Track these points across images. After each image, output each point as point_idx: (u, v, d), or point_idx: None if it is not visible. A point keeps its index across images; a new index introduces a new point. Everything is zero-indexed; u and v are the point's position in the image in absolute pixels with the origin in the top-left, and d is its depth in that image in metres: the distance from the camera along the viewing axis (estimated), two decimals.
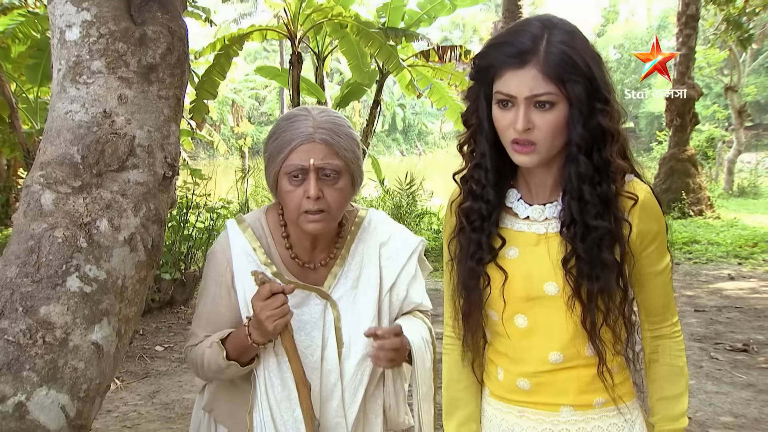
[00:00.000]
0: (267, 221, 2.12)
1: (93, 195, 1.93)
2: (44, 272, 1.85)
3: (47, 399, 1.77)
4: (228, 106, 35.57)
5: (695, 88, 15.83)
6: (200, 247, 7.84)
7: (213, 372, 2.05)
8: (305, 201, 1.93)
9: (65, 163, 1.93)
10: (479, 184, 1.75)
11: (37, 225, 1.89)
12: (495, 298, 1.76)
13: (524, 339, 1.76)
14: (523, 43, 1.58)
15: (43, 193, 1.91)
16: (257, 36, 11.27)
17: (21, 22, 9.95)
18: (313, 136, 1.93)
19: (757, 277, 10.00)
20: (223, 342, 2.01)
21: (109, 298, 1.91)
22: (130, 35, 2.00)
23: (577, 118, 1.60)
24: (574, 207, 1.65)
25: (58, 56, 2.02)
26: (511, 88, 1.59)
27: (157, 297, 7.15)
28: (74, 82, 1.98)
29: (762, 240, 12.68)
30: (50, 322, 1.81)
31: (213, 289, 2.09)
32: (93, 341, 1.87)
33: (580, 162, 1.63)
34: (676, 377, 1.79)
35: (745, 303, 8.39)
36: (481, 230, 1.75)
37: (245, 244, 2.07)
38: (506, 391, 1.82)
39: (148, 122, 2.01)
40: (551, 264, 1.70)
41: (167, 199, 2.08)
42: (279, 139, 1.97)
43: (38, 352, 1.78)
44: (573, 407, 1.75)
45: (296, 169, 1.93)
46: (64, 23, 2.00)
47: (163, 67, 2.05)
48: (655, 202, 1.71)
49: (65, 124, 1.96)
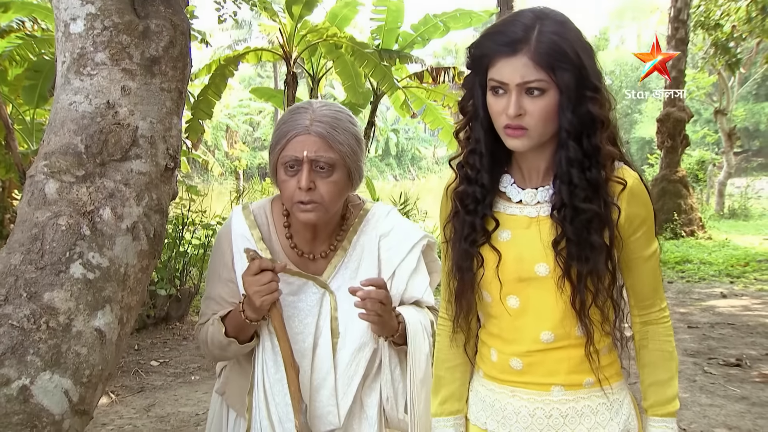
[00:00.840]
0: (272, 210, 2.19)
1: (96, 184, 1.96)
2: (48, 259, 1.87)
3: (51, 383, 1.78)
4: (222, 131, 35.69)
5: (686, 110, 15.97)
6: (195, 263, 7.84)
7: (217, 349, 2.11)
8: (297, 192, 1.99)
9: (69, 152, 1.95)
10: (474, 169, 1.80)
11: (41, 213, 1.91)
12: (490, 279, 1.80)
13: (517, 319, 1.81)
14: (514, 32, 1.65)
15: (47, 182, 1.94)
16: (252, 57, 11.35)
17: (18, 44, 10.00)
18: (309, 128, 1.99)
19: (749, 295, 10.03)
20: (223, 319, 2.08)
21: (112, 286, 1.93)
22: (133, 28, 2.03)
23: (567, 104, 1.66)
24: (563, 191, 1.71)
25: (62, 49, 2.05)
26: (503, 75, 1.66)
27: (153, 313, 7.14)
28: (78, 73, 2.01)
29: (753, 260, 12.73)
30: (54, 307, 1.83)
31: (218, 270, 2.18)
32: (96, 327, 1.88)
33: (570, 147, 1.69)
34: (666, 362, 1.83)
35: (738, 320, 8.41)
36: (475, 213, 1.81)
37: (245, 230, 2.15)
38: (499, 372, 1.86)
39: (150, 114, 2.04)
40: (542, 246, 1.75)
41: (169, 191, 2.11)
42: (279, 130, 2.03)
43: (42, 337, 1.79)
44: (564, 387, 1.79)
45: (291, 160, 1.99)
46: (69, 16, 2.03)
47: (165, 60, 2.08)
48: (644, 188, 1.76)
49: (69, 114, 1.99)
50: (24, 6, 10.09)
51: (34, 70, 9.74)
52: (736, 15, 15.88)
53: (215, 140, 33.77)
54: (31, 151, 10.26)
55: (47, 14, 9.98)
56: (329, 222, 2.13)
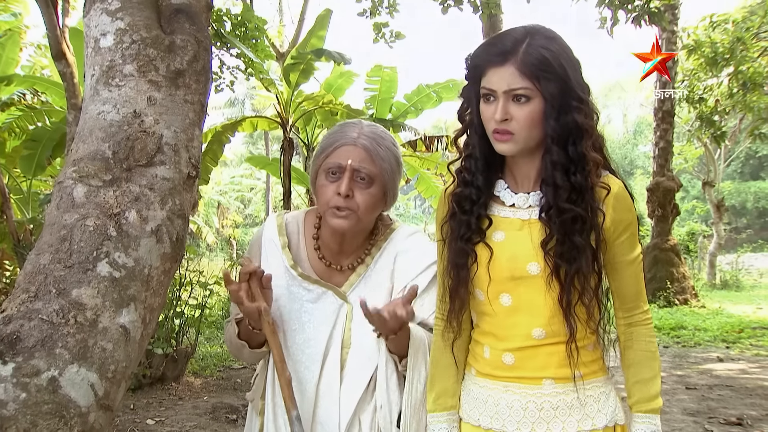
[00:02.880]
0: (304, 220, 2.30)
1: (122, 188, 2.04)
2: (76, 258, 1.93)
3: (78, 376, 1.82)
4: (214, 208, 35.88)
5: (675, 180, 16.23)
6: (193, 324, 7.83)
7: (235, 349, 2.23)
8: (335, 197, 2.09)
9: (97, 158, 2.04)
10: (470, 172, 1.95)
11: (69, 216, 1.98)
12: (481, 275, 1.91)
13: (509, 317, 1.91)
14: (505, 44, 1.82)
15: (75, 186, 2.01)
16: (248, 125, 11.58)
17: (18, 116, 10.18)
18: (356, 140, 2.11)
19: (746, 359, 10.03)
20: (238, 322, 2.20)
21: (136, 285, 1.98)
22: (160, 42, 2.15)
23: (550, 112, 1.81)
24: (548, 193, 1.85)
25: (91, 63, 2.15)
26: (492, 83, 1.82)
27: (148, 372, 7.08)
28: (107, 85, 2.11)
29: (748, 327, 12.77)
30: (81, 303, 1.88)
31: None
32: (121, 324, 1.93)
33: (553, 151, 1.83)
34: (649, 361, 1.95)
35: (736, 382, 8.40)
36: (470, 213, 1.93)
37: (274, 235, 2.26)
38: (492, 368, 1.95)
39: (174, 123, 2.14)
40: (533, 246, 1.87)
41: (190, 199, 2.18)
42: (327, 139, 2.17)
43: (70, 331, 1.84)
44: (554, 380, 1.89)
45: (334, 166, 2.10)
46: (99, 32, 2.15)
47: (189, 73, 2.19)
48: (628, 195, 1.90)
49: (97, 123, 2.08)
50: (26, 79, 10.32)
51: (33, 140, 9.88)
52: (719, 90, 16.27)
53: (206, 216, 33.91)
54: (27, 219, 10.31)
55: (48, 86, 10.20)
56: (357, 235, 2.21)
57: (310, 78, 11.09)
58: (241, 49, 8.69)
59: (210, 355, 9.01)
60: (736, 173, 46.47)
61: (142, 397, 7.00)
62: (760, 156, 46.29)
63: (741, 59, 14.27)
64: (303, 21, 18.24)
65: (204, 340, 9.81)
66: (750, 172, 48.61)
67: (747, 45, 14.29)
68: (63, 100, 8.73)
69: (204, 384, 7.62)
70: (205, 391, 7.40)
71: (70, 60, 7.05)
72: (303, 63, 10.78)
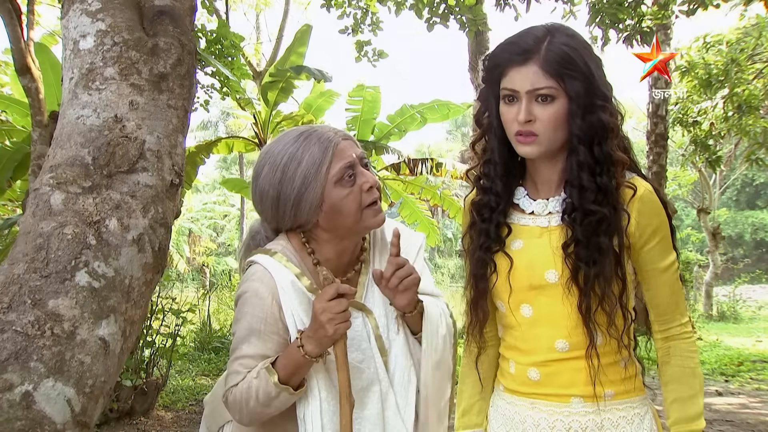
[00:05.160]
0: (292, 246, 2.14)
1: (103, 195, 2.05)
2: (53, 267, 1.93)
3: (54, 391, 1.82)
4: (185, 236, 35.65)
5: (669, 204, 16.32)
6: (163, 354, 7.77)
7: (261, 405, 2.00)
8: (365, 194, 2.01)
9: (76, 164, 2.05)
10: (488, 178, 1.95)
11: (46, 224, 1.99)
12: (502, 285, 1.91)
13: (531, 329, 1.90)
14: (526, 43, 1.81)
15: (52, 193, 2.02)
16: (223, 147, 11.56)
17: None
18: (338, 136, 2.03)
19: (746, 393, 10.06)
20: (273, 366, 2.00)
21: (116, 296, 1.99)
22: (142, 44, 2.18)
23: (576, 111, 1.80)
24: (574, 194, 1.83)
25: (70, 66, 2.17)
26: (514, 84, 1.81)
27: (116, 406, 6.99)
28: (86, 88, 2.13)
29: (747, 359, 12.81)
30: (58, 314, 1.88)
31: (258, 326, 2.04)
32: (100, 336, 1.93)
33: (580, 152, 1.82)
34: (689, 378, 1.88)
35: (736, 417, 8.41)
36: (489, 221, 1.93)
37: (288, 273, 2.07)
38: (518, 384, 1.93)
39: (157, 129, 2.16)
40: (551, 253, 1.86)
41: (173, 208, 2.19)
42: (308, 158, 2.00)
43: (46, 344, 1.84)
44: (583, 398, 1.86)
45: (347, 167, 1.99)
46: (79, 34, 2.17)
47: (173, 77, 2.21)
48: (656, 198, 1.86)
49: (76, 128, 2.09)
50: None
51: None
52: (714, 113, 16.44)
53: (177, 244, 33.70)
54: None
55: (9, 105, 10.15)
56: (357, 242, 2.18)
57: (289, 97, 11.12)
58: (216, 67, 8.68)
59: (182, 388, 8.90)
60: (731, 201, 46.84)
61: None
62: (756, 184, 46.74)
63: (736, 81, 14.40)
64: (281, 38, 18.31)
65: (175, 373, 9.73)
66: (746, 200, 49.02)
67: (742, 67, 14.45)
68: (25, 119, 8.68)
69: (175, 418, 7.54)
70: (176, 425, 7.32)
71: (35, 75, 7.02)
72: (282, 81, 10.79)
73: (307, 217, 2.02)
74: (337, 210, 2.01)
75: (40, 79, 7.10)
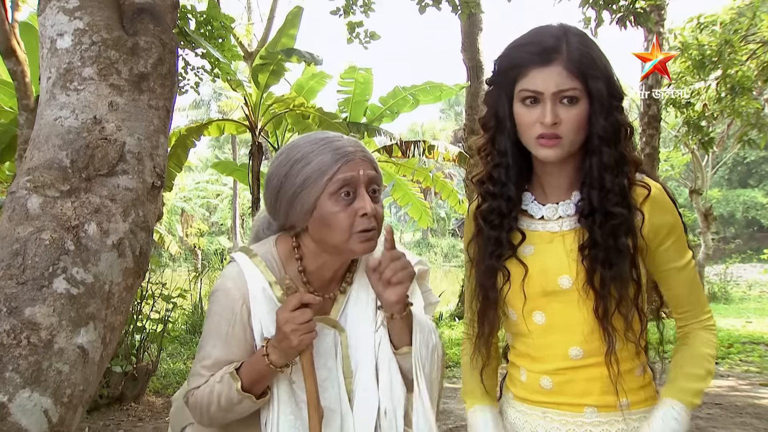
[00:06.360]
0: (278, 252, 2.09)
1: (81, 199, 2.00)
2: (30, 274, 1.89)
3: (30, 401, 1.78)
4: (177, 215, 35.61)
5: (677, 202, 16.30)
6: (154, 339, 7.74)
7: (222, 410, 1.98)
8: (359, 220, 1.94)
9: (54, 167, 2.00)
10: (499, 183, 1.88)
11: (23, 229, 1.94)
12: (515, 293, 1.86)
13: (543, 336, 1.85)
14: (546, 42, 1.75)
15: (29, 197, 1.97)
16: (214, 129, 11.49)
17: None
18: (357, 153, 1.97)
19: (735, 376, 10.10)
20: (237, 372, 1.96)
21: (96, 303, 1.95)
22: (122, 44, 2.12)
23: (600, 111, 1.76)
24: (594, 196, 1.78)
25: (47, 65, 2.12)
26: (537, 85, 1.74)
27: (106, 392, 6.97)
28: (64, 88, 2.08)
29: (737, 341, 12.86)
30: (35, 322, 1.84)
31: (225, 329, 2.01)
32: (78, 345, 1.89)
33: (604, 153, 1.78)
34: (703, 361, 1.85)
35: (725, 400, 8.44)
36: (500, 227, 1.87)
37: (261, 280, 2.03)
38: (530, 392, 1.89)
39: (138, 130, 2.11)
40: (565, 258, 1.81)
41: (155, 210, 2.15)
42: (317, 162, 1.95)
43: (22, 353, 1.80)
44: (597, 408, 1.82)
45: (346, 184, 1.93)
46: (56, 32, 2.11)
47: (154, 77, 2.16)
48: (668, 198, 1.84)
49: (54, 130, 2.04)
50: None
51: None
52: (707, 94, 16.41)
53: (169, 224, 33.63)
54: None
55: None
56: (342, 262, 2.11)
57: (281, 79, 11.06)
58: (206, 48, 8.61)
59: (173, 372, 8.88)
60: (723, 180, 46.96)
61: (99, 418, 6.89)
62: (748, 162, 46.86)
63: (729, 62, 14.37)
64: (273, 19, 18.17)
65: (167, 356, 9.71)
66: (738, 179, 49.17)
67: (735, 48, 14.40)
68: (12, 100, 8.58)
69: (166, 403, 7.51)
70: (167, 411, 7.28)
71: (20, 57, 6.90)
72: (273, 63, 10.71)
73: (297, 219, 1.98)
74: (325, 223, 1.95)
75: (26, 62, 6.98)
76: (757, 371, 10.42)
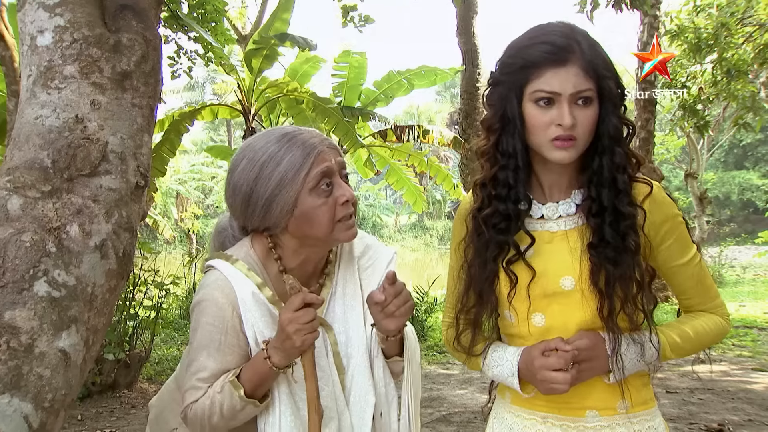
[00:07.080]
0: (255, 252, 2.06)
1: (63, 200, 1.97)
2: (9, 277, 1.85)
3: (9, 407, 1.75)
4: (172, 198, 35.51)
5: (656, 172, 16.33)
6: (147, 326, 7.73)
7: (225, 420, 1.94)
8: (340, 208, 1.94)
9: (34, 167, 1.96)
10: (506, 186, 1.84)
11: (3, 230, 1.91)
12: (520, 297, 1.83)
13: (542, 338, 1.82)
14: (557, 40, 1.72)
15: (9, 198, 1.94)
16: (208, 113, 11.43)
17: None
18: (323, 143, 1.95)
19: (728, 360, 10.14)
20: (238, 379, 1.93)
21: (78, 305, 1.92)
22: (104, 41, 2.08)
23: (611, 111, 1.76)
24: (605, 195, 1.77)
25: (28, 63, 2.08)
26: (554, 86, 1.71)
27: (98, 380, 6.98)
28: (45, 87, 2.04)
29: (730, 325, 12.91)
30: (15, 326, 1.81)
31: (218, 338, 1.97)
32: (60, 348, 1.86)
33: (616, 152, 1.77)
34: (702, 334, 1.85)
35: (717, 385, 8.47)
36: (507, 231, 1.84)
37: (249, 284, 1.99)
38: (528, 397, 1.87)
39: (121, 129, 2.07)
40: (568, 257, 1.80)
41: (139, 210, 2.12)
42: (288, 160, 1.93)
43: (1, 358, 1.77)
44: (599, 411, 1.81)
45: (324, 176, 1.92)
46: (36, 29, 2.07)
47: (137, 75, 2.12)
48: (667, 196, 1.84)
49: (35, 129, 2.00)
50: None
51: None
52: (703, 77, 16.37)
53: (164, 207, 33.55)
54: None
55: None
56: (323, 254, 2.10)
57: (274, 64, 10.98)
58: (199, 32, 8.54)
59: (167, 358, 8.89)
60: (719, 162, 47.00)
61: (91, 406, 6.90)
62: (744, 145, 46.91)
63: (725, 46, 14.33)
64: (266, 2, 18.10)
65: (160, 342, 9.71)
66: (734, 161, 49.23)
67: (731, 31, 14.36)
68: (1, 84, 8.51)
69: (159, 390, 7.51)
70: None
71: (9, 42, 6.80)
72: (266, 48, 10.65)
73: (276, 220, 1.95)
74: (308, 218, 1.94)
75: (15, 46, 6.87)
76: (750, 356, 10.48)
